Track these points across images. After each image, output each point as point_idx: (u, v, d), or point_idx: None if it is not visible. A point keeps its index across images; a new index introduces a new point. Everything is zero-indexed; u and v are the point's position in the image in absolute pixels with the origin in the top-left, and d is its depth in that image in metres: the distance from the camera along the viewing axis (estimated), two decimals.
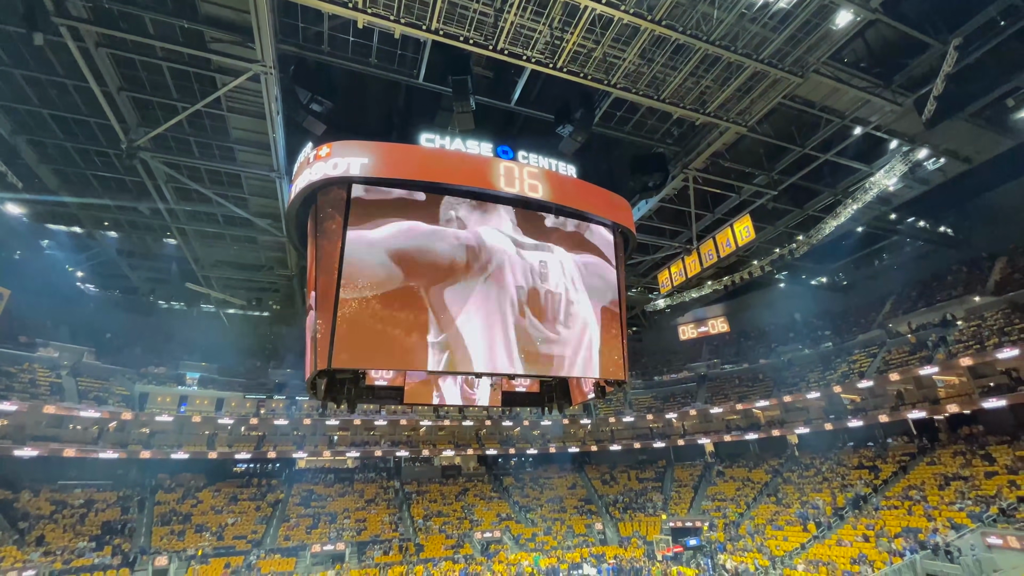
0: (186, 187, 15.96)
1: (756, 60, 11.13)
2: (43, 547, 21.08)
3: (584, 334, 10.23)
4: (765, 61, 11.25)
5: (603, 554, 26.36)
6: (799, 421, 28.82)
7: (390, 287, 8.09)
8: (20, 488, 23.73)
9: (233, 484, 30.31)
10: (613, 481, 35.98)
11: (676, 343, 41.21)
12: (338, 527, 27.53)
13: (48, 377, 25.69)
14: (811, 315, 34.82)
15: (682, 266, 19.40)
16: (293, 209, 9.26)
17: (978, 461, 21.19)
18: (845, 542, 20.23)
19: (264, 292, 27.25)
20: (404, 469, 35.16)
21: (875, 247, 29.44)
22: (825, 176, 18.41)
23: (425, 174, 8.77)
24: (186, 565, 22.75)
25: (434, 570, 23.79)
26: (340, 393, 9.57)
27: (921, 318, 26.79)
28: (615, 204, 11.14)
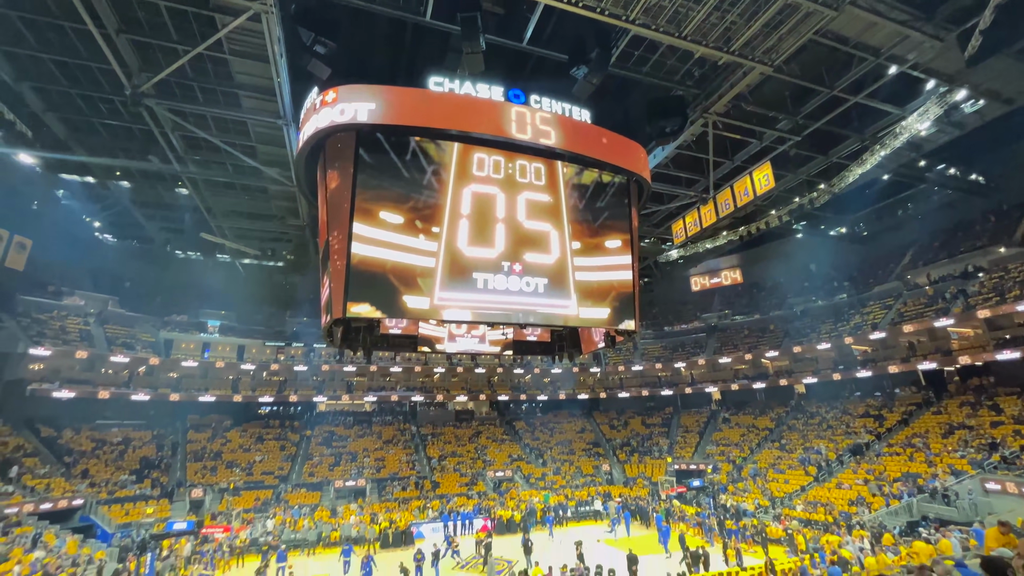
0: (193, 135, 15.77)
1: None
2: (88, 479, 22.75)
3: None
4: None
5: (608, 493, 27.73)
6: (807, 371, 29.08)
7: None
8: (62, 427, 25.32)
9: (258, 425, 31.98)
10: (621, 426, 37.20)
11: (688, 294, 41.11)
12: (358, 465, 29.15)
13: (77, 324, 26.72)
14: (828, 266, 34.23)
15: (697, 216, 18.99)
16: (301, 157, 9.12)
17: (985, 411, 21.37)
18: (845, 485, 20.94)
19: (277, 242, 27.49)
20: (419, 413, 36.65)
21: (900, 196, 28.33)
22: (853, 120, 17.49)
23: (434, 120, 8.50)
24: (219, 497, 24.50)
25: (449, 504, 25.29)
26: (356, 341, 9.82)
27: (942, 269, 26.22)
28: (630, 151, 10.76)
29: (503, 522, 23.17)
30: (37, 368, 24.42)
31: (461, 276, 8.41)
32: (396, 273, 7.90)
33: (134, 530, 20.37)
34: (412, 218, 8.29)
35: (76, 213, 24.77)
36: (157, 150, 16.92)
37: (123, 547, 18.58)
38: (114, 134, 17.37)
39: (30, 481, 20.31)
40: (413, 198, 8.41)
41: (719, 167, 18.96)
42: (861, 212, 29.34)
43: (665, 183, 20.06)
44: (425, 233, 8.29)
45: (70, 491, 21.06)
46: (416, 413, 36.53)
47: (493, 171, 9.09)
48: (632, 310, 10.12)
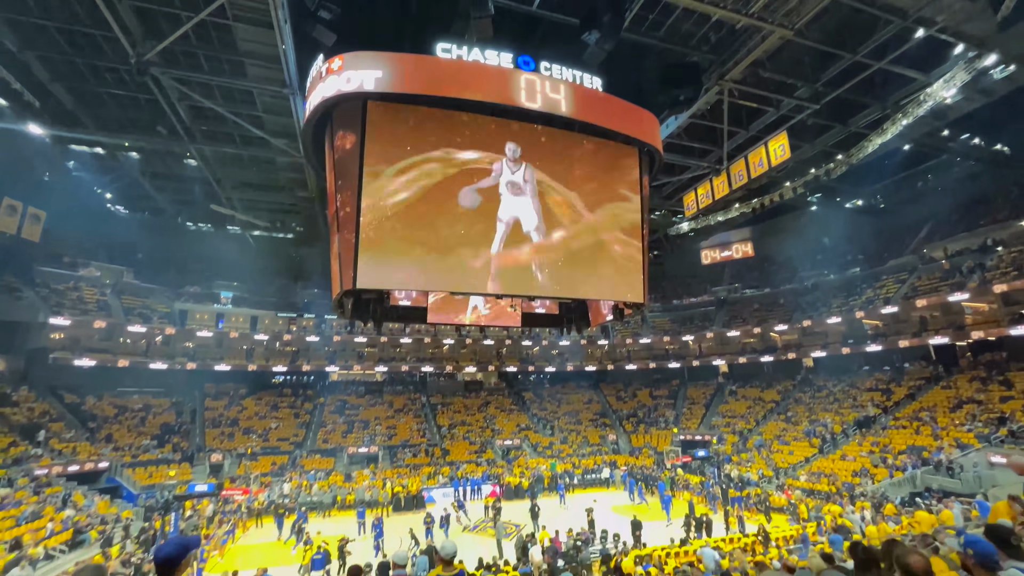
0: (199, 105, 15.65)
1: None
2: (112, 443, 23.66)
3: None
4: None
5: (615, 462, 28.31)
6: (816, 345, 29.00)
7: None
8: (85, 394, 26.20)
9: (272, 394, 32.84)
10: (628, 398, 37.66)
11: (698, 267, 40.76)
12: (370, 433, 29.96)
13: (94, 295, 27.27)
14: (842, 240, 33.60)
15: (710, 187, 18.65)
16: (308, 127, 9.03)
17: (995, 386, 21.27)
18: (849, 457, 21.17)
19: (287, 214, 27.53)
20: (429, 383, 37.33)
21: (920, 167, 27.42)
22: (875, 87, 16.82)
23: (442, 88, 8.33)
24: (238, 462, 25.41)
25: (459, 471, 26.02)
26: (366, 312, 9.94)
27: (960, 243, 25.65)
28: (642, 121, 10.51)
29: (511, 488, 23.85)
30: (58, 337, 25.11)
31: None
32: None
33: (158, 491, 21.30)
34: (422, 190, 8.24)
35: (87, 184, 24.88)
36: (164, 121, 16.85)
37: (148, 507, 19.50)
38: (121, 104, 17.27)
39: (57, 445, 21.19)
40: (422, 169, 8.34)
41: (733, 137, 18.48)
42: (879, 184, 28.56)
43: (677, 154, 19.62)
44: (430, 214, 8.26)
45: (95, 454, 21.97)
46: (426, 383, 37.21)
47: (501, 139, 8.95)
48: (641, 283, 10.09)
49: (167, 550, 2.56)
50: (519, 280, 8.91)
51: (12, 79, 14.14)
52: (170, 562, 2.52)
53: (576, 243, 9.42)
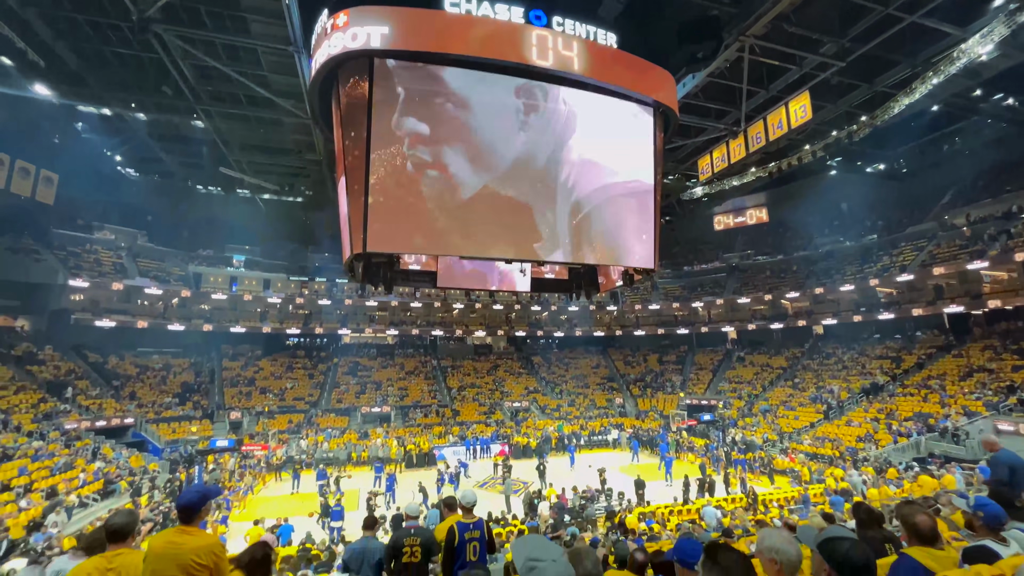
0: (204, 64, 15.36)
1: None
2: (135, 401, 24.61)
3: None
4: None
5: (621, 424, 28.92)
6: (827, 313, 28.80)
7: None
8: (107, 354, 27.06)
9: (287, 355, 33.65)
10: (635, 363, 38.04)
11: (710, 233, 40.14)
12: (383, 393, 30.76)
13: (110, 258, 27.73)
14: (861, 206, 32.70)
15: (726, 151, 18.11)
16: (315, 86, 8.83)
17: (1008, 355, 21.08)
18: (854, 423, 21.38)
19: (296, 177, 27.42)
20: (439, 346, 37.94)
21: (947, 130, 26.19)
22: (906, 43, 15.92)
23: (451, 45, 8.05)
24: (256, 419, 26.37)
25: (469, 431, 26.80)
26: (376, 276, 9.99)
27: (983, 210, 24.87)
28: (659, 80, 10.10)
29: (519, 448, 24.58)
30: (78, 299, 25.75)
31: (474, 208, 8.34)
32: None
33: (181, 446, 22.29)
34: (432, 149, 8.11)
35: (97, 147, 24.86)
36: (169, 81, 16.61)
37: (173, 460, 20.47)
38: (125, 64, 17.02)
39: (84, 401, 22.09)
40: (431, 127, 8.18)
41: (752, 97, 17.78)
42: (903, 148, 27.49)
43: (693, 115, 18.98)
44: (440, 176, 8.14)
45: (121, 411, 22.90)
46: (436, 346, 37.82)
47: (512, 97, 8.71)
48: (652, 249, 9.99)
49: (189, 496, 2.76)
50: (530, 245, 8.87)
51: (16, 37, 13.93)
52: (192, 507, 2.72)
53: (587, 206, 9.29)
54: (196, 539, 2.63)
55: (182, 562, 2.51)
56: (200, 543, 2.61)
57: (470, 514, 4.34)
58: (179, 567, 2.50)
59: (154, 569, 2.50)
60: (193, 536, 2.64)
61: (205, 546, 2.61)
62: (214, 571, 2.60)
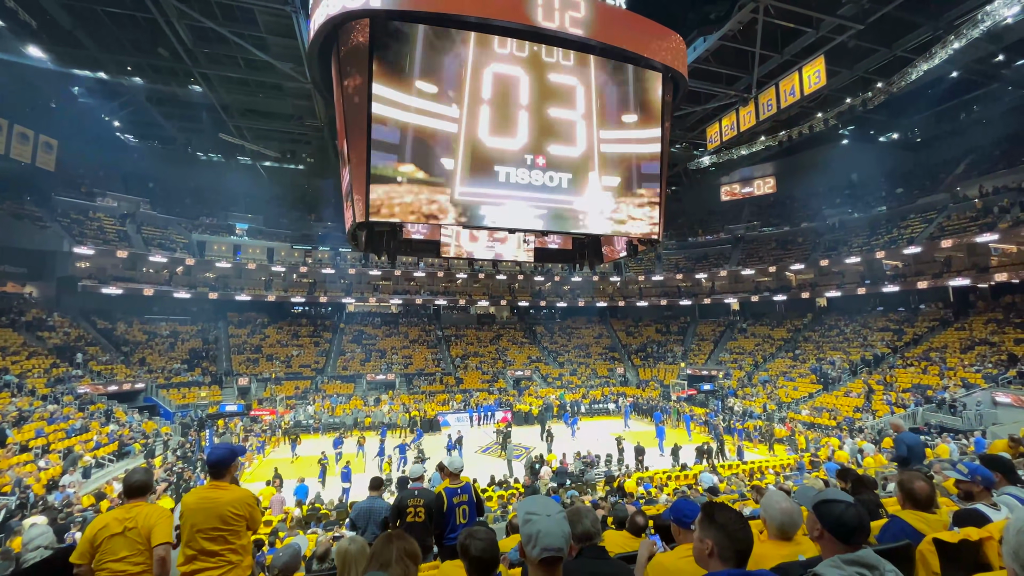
0: (200, 24, 14.92)
1: None
2: (145, 366, 25.09)
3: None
4: None
5: (623, 393, 29.36)
6: (832, 285, 28.68)
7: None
8: (115, 320, 27.43)
9: (292, 323, 34.01)
10: (637, 333, 38.29)
11: (716, 203, 39.65)
12: (387, 361, 31.22)
13: (113, 225, 27.72)
14: (871, 176, 32.10)
15: (735, 118, 17.66)
16: (314, 49, 8.56)
17: (1011, 329, 21.06)
18: (853, 394, 21.62)
19: (297, 144, 27.03)
20: (443, 316, 38.21)
21: (966, 97, 25.31)
22: (928, 4, 15.26)
23: (454, 5, 7.77)
24: (263, 385, 26.89)
25: (472, 399, 27.30)
26: (380, 245, 9.96)
27: (997, 180, 24.32)
28: (668, 43, 9.73)
29: (521, 415, 25.09)
30: (84, 266, 25.90)
31: (483, 170, 8.24)
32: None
33: (192, 410, 22.85)
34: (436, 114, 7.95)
35: (95, 112, 24.50)
36: (165, 42, 16.18)
37: (184, 424, 21.03)
38: (120, 23, 16.54)
39: (95, 367, 22.54)
40: (435, 92, 7.99)
41: (765, 62, 17.20)
42: (918, 116, 26.69)
43: (703, 80, 18.43)
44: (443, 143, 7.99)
45: (131, 376, 23.39)
46: (440, 315, 38.10)
47: (516, 65, 8.46)
48: (658, 220, 9.89)
49: (219, 453, 2.91)
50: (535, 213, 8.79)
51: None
52: (222, 463, 2.89)
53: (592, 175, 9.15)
54: (230, 493, 2.81)
55: (220, 513, 2.69)
56: (234, 496, 2.80)
57: (457, 479, 4.53)
58: (218, 518, 2.69)
59: (193, 523, 2.67)
60: (227, 490, 2.82)
61: (239, 498, 2.80)
62: (249, 520, 2.81)
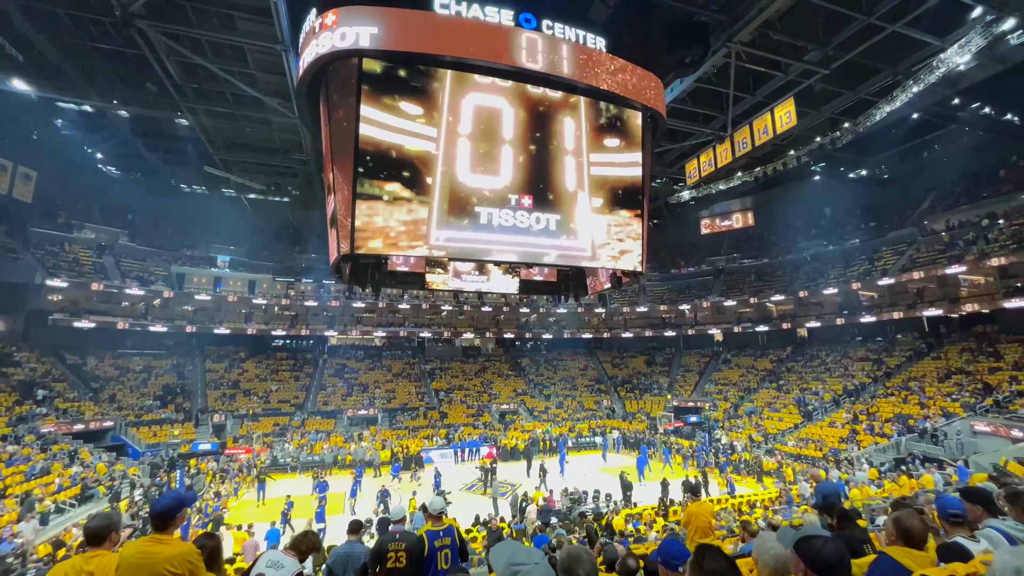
0: (189, 61, 15.11)
1: None
2: (115, 403, 24.07)
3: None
4: None
5: (607, 427, 29.02)
6: (811, 315, 29.26)
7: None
8: (86, 355, 26.45)
9: (272, 357, 33.20)
10: (623, 365, 38.23)
11: (697, 236, 40.58)
12: (370, 396, 30.50)
13: (89, 257, 27.13)
14: (844, 211, 33.37)
15: (712, 155, 18.31)
16: (303, 86, 8.75)
17: (984, 358, 21.62)
18: (837, 424, 21.71)
19: (283, 177, 27.05)
20: (428, 348, 37.74)
21: (927, 137, 26.91)
22: (888, 52, 16.27)
23: (440, 46, 8.04)
24: (240, 422, 25.96)
25: (457, 433, 26.67)
26: (364, 277, 9.91)
27: (961, 215, 25.49)
28: (647, 84, 10.20)
29: (507, 450, 24.52)
30: (56, 299, 25.14)
31: (462, 213, 8.32)
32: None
33: (163, 449, 21.84)
34: (422, 149, 8.09)
35: (77, 144, 24.33)
36: (153, 77, 16.31)
37: (153, 464, 20.03)
38: (107, 59, 16.66)
39: (62, 404, 21.54)
40: (420, 128, 8.16)
41: (739, 103, 18.00)
42: (884, 154, 28.14)
43: (681, 119, 19.18)
44: (428, 169, 8.12)
45: (100, 413, 22.38)
46: (424, 348, 37.62)
47: (502, 110, 8.73)
48: (640, 252, 10.06)
49: (163, 503, 2.72)
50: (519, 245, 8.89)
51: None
52: (166, 514, 2.68)
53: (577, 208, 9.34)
54: (170, 548, 2.58)
55: (157, 571, 2.46)
56: (174, 551, 2.56)
57: (439, 521, 4.33)
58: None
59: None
60: (167, 545, 2.59)
61: (179, 554, 2.56)
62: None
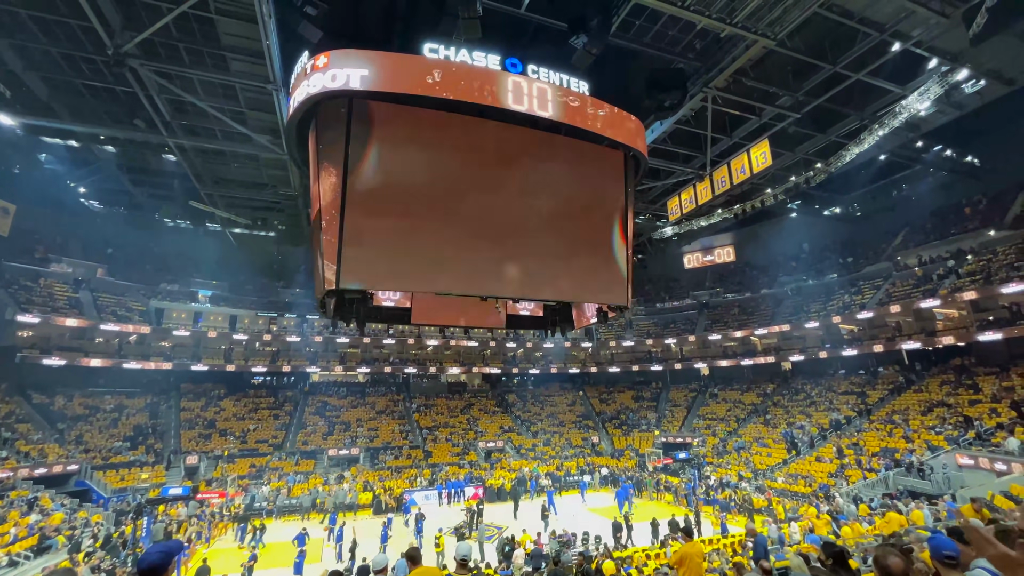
0: (180, 99, 15.29)
1: None
2: (82, 445, 22.91)
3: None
4: None
5: (592, 464, 28.43)
6: (795, 349, 29.59)
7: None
8: (54, 394, 25.34)
9: (252, 395, 32.20)
10: (610, 400, 37.89)
11: (681, 271, 41.30)
12: (352, 434, 29.57)
13: (65, 292, 26.43)
14: (820, 246, 34.46)
15: (693, 193, 18.90)
16: (292, 124, 8.88)
17: (964, 390, 21.95)
18: (825, 459, 21.61)
19: (269, 212, 27.01)
20: (412, 384, 37.03)
21: (895, 177, 28.28)
22: (854, 98, 17.29)
23: (428, 88, 8.29)
24: (214, 464, 24.84)
25: (441, 473, 25.83)
26: (349, 312, 9.80)
27: (932, 251, 26.47)
28: (629, 125, 10.59)
29: (493, 490, 23.76)
30: (26, 335, 24.24)
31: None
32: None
33: (130, 495, 20.68)
34: (409, 187, 8.19)
35: (60, 178, 24.13)
36: (143, 114, 16.42)
37: (119, 511, 18.90)
38: (97, 95, 16.78)
39: (24, 447, 20.44)
40: (408, 167, 8.28)
41: (717, 143, 18.76)
42: (856, 192, 29.36)
43: (662, 159, 19.88)
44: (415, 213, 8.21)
45: (64, 456, 21.24)
46: (409, 384, 36.90)
47: (485, 144, 8.95)
48: (625, 287, 10.17)
49: (152, 559, 2.50)
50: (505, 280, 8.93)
51: None
52: (157, 569, 2.46)
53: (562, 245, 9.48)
54: None
55: None
56: None
57: (464, 569, 4.00)
58: None
59: None
60: None
61: None
62: None
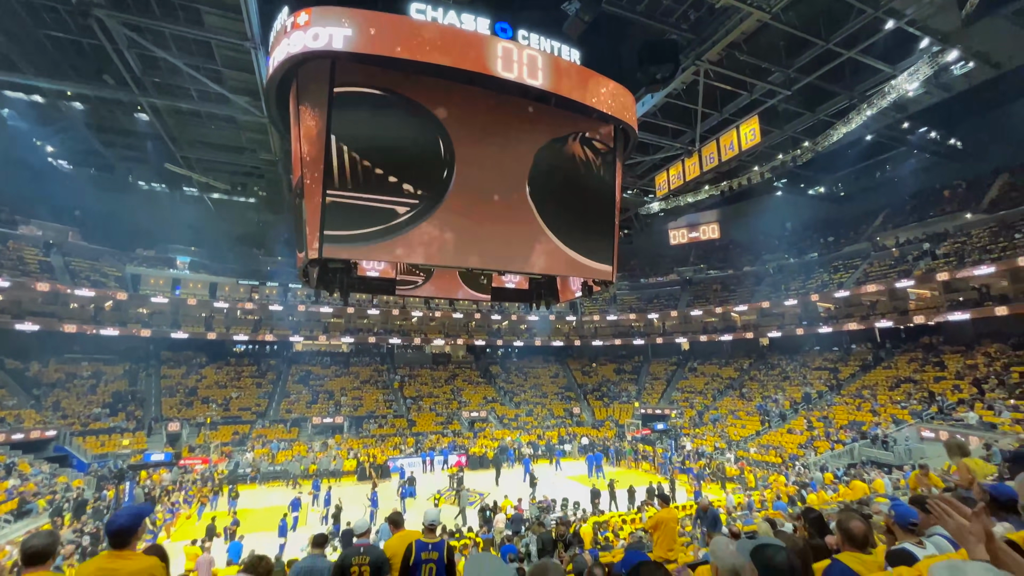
0: (152, 54, 14.53)
1: None
2: (60, 411, 22.65)
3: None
4: None
5: (575, 434, 29.18)
6: (773, 325, 30.32)
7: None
8: (29, 360, 24.82)
9: (234, 363, 31.99)
10: (593, 372, 38.60)
11: (666, 247, 41.55)
12: (335, 403, 29.73)
13: (35, 255, 25.56)
14: (803, 225, 34.91)
15: (681, 169, 18.85)
16: (272, 86, 8.51)
17: (931, 368, 22.87)
18: (796, 431, 22.50)
19: (248, 177, 26.25)
20: (397, 355, 37.14)
21: (880, 158, 28.60)
22: (844, 76, 17.22)
23: (415, 51, 7.98)
24: (197, 431, 24.84)
25: (426, 442, 26.27)
26: (332, 282, 9.68)
27: (910, 232, 27.04)
28: (620, 97, 10.40)
29: (476, 458, 24.31)
30: None
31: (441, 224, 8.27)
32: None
33: (111, 460, 20.64)
34: (394, 155, 7.99)
35: (25, 136, 22.96)
36: (112, 69, 15.60)
37: (100, 476, 18.90)
38: (62, 49, 15.83)
39: None
40: (393, 134, 8.07)
41: (707, 119, 18.63)
42: (841, 172, 29.62)
43: (651, 133, 19.69)
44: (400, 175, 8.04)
45: (41, 422, 21.00)
46: (393, 355, 37.01)
47: (472, 112, 8.74)
48: (611, 259, 10.21)
49: (121, 520, 2.55)
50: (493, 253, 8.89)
51: None
52: (125, 531, 2.51)
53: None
54: (133, 562, 2.45)
55: None
56: (138, 566, 2.44)
57: (432, 534, 4.23)
58: None
59: None
60: (129, 560, 2.46)
61: (142, 569, 2.44)
62: None
